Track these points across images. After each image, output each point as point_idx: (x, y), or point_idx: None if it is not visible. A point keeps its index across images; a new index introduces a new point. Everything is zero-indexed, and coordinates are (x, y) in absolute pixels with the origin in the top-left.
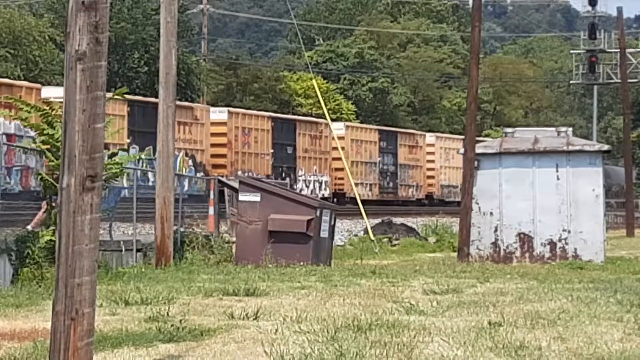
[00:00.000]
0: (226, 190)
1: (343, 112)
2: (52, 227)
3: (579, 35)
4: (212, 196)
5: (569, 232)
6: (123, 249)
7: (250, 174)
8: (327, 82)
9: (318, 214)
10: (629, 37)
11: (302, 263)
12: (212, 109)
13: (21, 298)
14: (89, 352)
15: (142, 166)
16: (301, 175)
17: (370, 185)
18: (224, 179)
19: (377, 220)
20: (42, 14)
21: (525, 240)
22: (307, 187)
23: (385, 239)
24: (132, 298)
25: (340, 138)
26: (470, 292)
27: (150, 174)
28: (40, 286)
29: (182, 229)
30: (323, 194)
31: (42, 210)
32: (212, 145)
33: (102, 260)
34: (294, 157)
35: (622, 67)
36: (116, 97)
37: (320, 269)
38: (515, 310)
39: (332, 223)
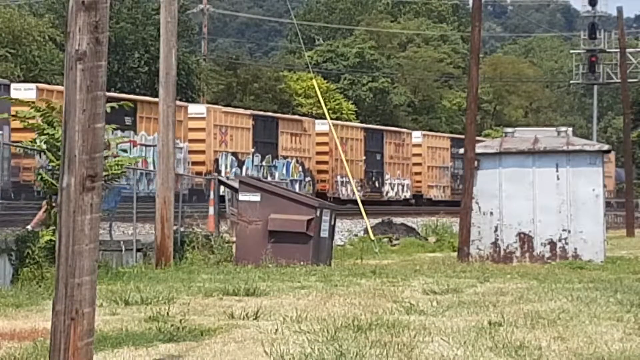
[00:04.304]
0: (226, 190)
1: (343, 111)
2: (52, 227)
3: (579, 35)
4: (212, 196)
5: (569, 232)
6: (123, 249)
7: (346, 178)
8: (327, 82)
9: (318, 213)
10: (629, 37)
11: (302, 263)
12: (316, 121)
13: (21, 298)
14: (89, 352)
15: (263, 172)
16: (387, 179)
17: (444, 187)
18: (223, 179)
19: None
20: (42, 14)
21: (525, 240)
22: (392, 189)
23: (385, 239)
24: (132, 298)
25: (418, 145)
26: (470, 292)
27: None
28: (40, 286)
29: (182, 229)
30: (405, 196)
31: (42, 210)
32: (317, 153)
33: (102, 260)
34: (382, 163)
35: (622, 67)
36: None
37: (320, 268)
38: (515, 310)
39: (332, 223)
